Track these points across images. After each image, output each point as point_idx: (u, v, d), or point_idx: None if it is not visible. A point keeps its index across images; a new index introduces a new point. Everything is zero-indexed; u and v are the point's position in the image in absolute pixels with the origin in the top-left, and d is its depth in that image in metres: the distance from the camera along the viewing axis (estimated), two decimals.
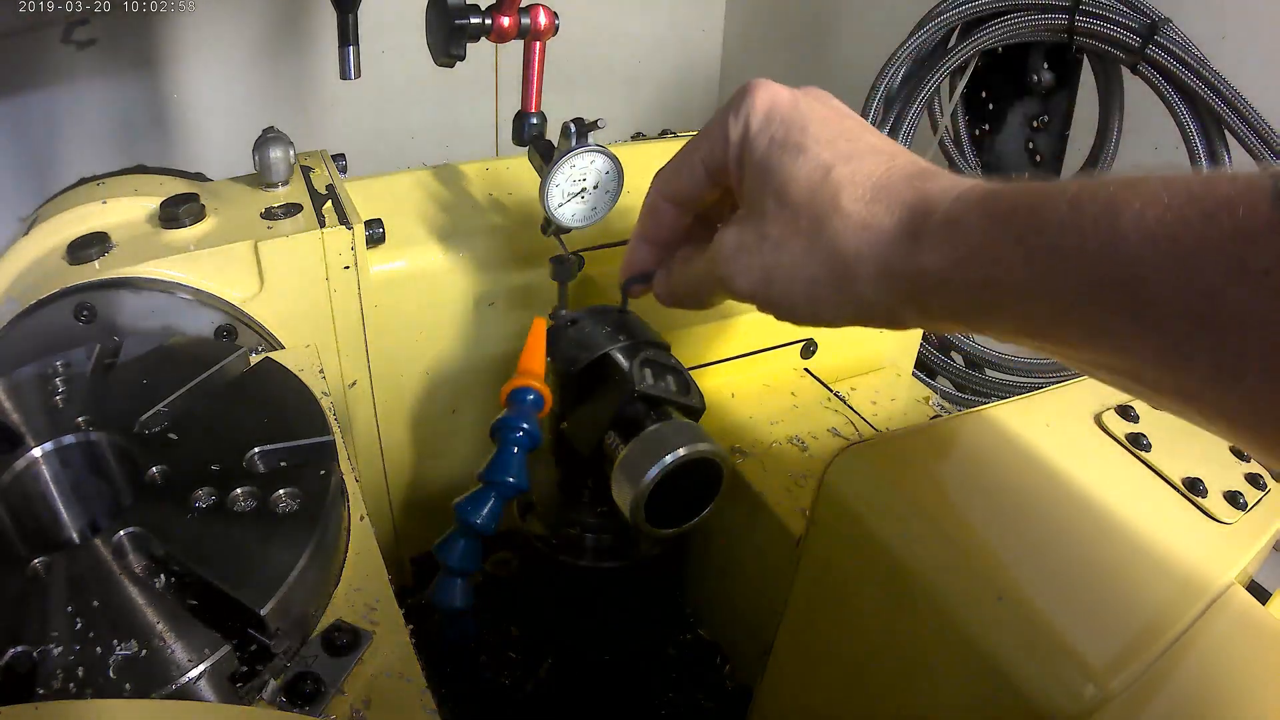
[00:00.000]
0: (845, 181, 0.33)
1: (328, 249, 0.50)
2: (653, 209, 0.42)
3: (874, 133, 0.36)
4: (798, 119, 0.35)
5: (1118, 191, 0.25)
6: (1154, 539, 0.36)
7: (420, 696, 0.32)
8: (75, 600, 0.30)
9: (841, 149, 0.34)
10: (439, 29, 0.51)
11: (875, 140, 0.35)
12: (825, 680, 0.42)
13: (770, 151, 0.35)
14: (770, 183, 0.35)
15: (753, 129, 0.36)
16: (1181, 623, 0.33)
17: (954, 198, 0.31)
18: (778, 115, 0.35)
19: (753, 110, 0.36)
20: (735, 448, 0.51)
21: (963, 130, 1.05)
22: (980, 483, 0.37)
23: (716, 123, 0.38)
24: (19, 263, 0.49)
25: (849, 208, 0.33)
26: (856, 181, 0.33)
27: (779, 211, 0.34)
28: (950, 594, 0.33)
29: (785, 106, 0.36)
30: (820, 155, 0.34)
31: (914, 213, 0.31)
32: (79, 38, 1.03)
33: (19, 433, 0.38)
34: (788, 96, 0.36)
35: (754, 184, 0.36)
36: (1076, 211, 0.26)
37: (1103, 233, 0.25)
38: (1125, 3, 0.82)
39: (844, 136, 0.35)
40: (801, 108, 0.36)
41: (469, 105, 1.28)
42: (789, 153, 0.34)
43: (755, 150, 0.36)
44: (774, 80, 0.37)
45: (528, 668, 0.56)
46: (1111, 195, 0.25)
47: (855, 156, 0.34)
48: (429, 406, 0.62)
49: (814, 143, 0.34)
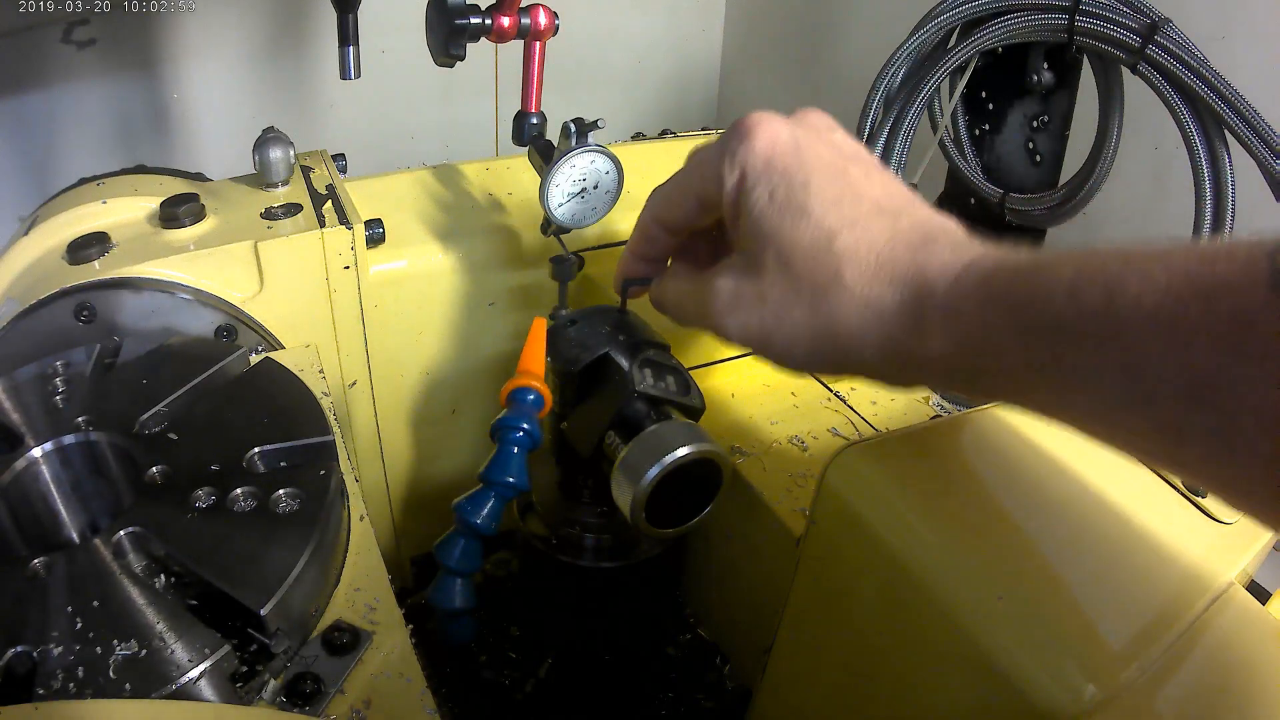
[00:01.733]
0: (849, 254, 0.33)
1: (328, 249, 0.50)
2: (644, 230, 0.42)
3: (878, 179, 0.35)
4: (800, 172, 0.34)
5: (1116, 272, 0.26)
6: (1154, 539, 0.36)
7: (420, 696, 0.32)
8: (75, 600, 0.30)
9: (846, 213, 0.33)
10: (439, 29, 0.51)
11: (879, 193, 0.34)
12: (825, 680, 0.42)
13: (770, 210, 0.34)
14: (770, 243, 0.34)
15: (750, 178, 0.35)
16: (1182, 622, 0.33)
17: (953, 279, 0.31)
18: (778, 165, 0.34)
19: (751, 154, 0.35)
20: (735, 448, 0.51)
21: (963, 130, 1.05)
22: (980, 483, 0.37)
23: (712, 159, 0.36)
24: (19, 263, 0.49)
25: (851, 284, 0.32)
26: (859, 254, 0.33)
27: (779, 275, 0.34)
28: (950, 594, 0.33)
29: (786, 153, 0.35)
30: (824, 220, 0.33)
31: (916, 292, 0.31)
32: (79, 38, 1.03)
33: (19, 433, 0.38)
34: (788, 140, 0.35)
35: (752, 238, 0.35)
36: (1074, 300, 0.26)
37: (1101, 319, 0.26)
38: (1125, 3, 0.82)
39: (849, 193, 0.34)
40: (804, 154, 0.35)
41: (469, 105, 1.28)
42: (791, 214, 0.34)
43: (754, 203, 0.35)
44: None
45: (528, 668, 0.56)
46: (1109, 278, 0.26)
47: (859, 221, 0.33)
48: (429, 406, 0.62)
49: (817, 203, 0.33)
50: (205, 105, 1.17)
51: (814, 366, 0.35)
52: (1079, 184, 0.93)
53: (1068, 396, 0.28)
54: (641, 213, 0.42)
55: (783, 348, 0.35)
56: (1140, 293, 0.25)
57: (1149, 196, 1.03)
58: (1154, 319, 0.24)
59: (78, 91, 1.06)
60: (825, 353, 0.34)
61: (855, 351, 0.33)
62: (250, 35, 1.17)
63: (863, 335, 0.32)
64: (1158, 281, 0.25)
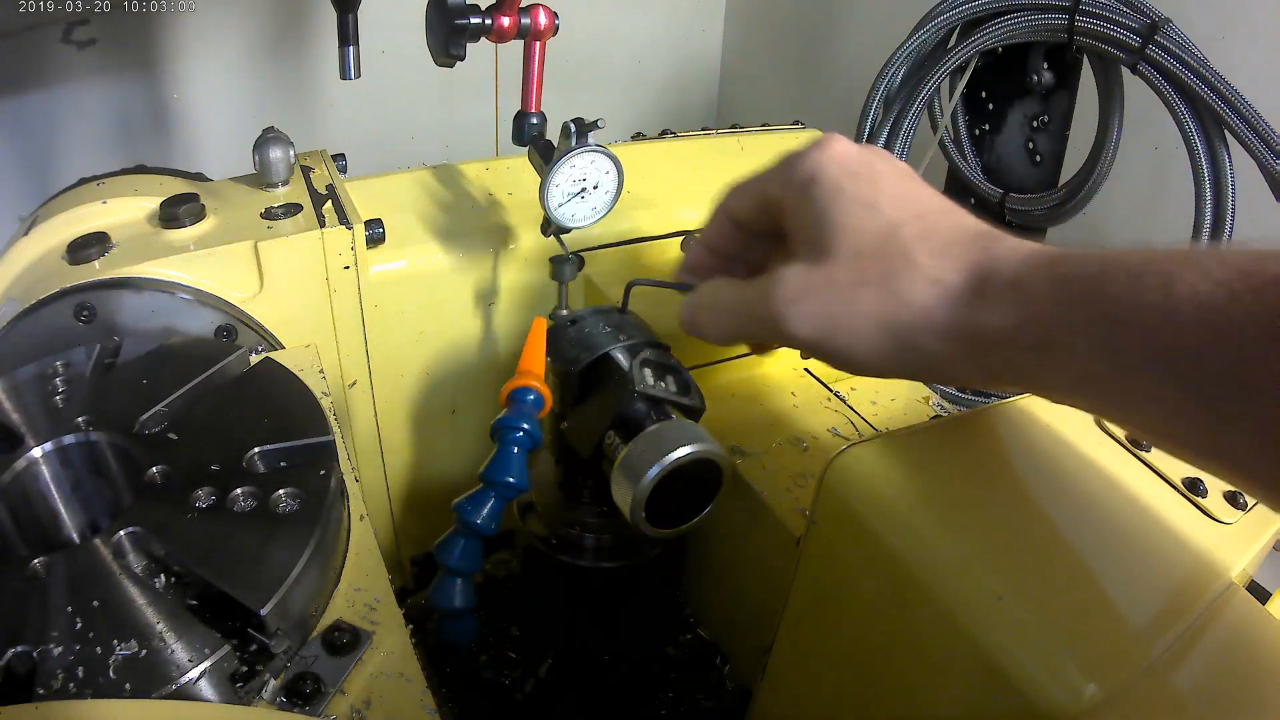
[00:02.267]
0: (917, 237, 0.34)
1: (328, 249, 0.50)
2: (717, 220, 0.44)
3: (937, 194, 0.37)
4: (868, 175, 0.36)
5: (1174, 265, 0.27)
6: (1154, 539, 0.36)
7: (420, 696, 0.32)
8: (75, 600, 0.30)
9: (912, 209, 0.35)
10: (439, 29, 0.51)
11: (941, 201, 0.37)
12: (825, 680, 0.42)
13: (839, 201, 0.36)
14: (839, 231, 0.36)
15: (819, 177, 0.37)
16: (1182, 622, 0.33)
17: (1020, 260, 0.32)
18: (849, 168, 0.37)
19: (822, 158, 0.37)
20: (735, 448, 0.51)
21: (963, 130, 1.05)
22: (980, 483, 0.37)
23: (785, 161, 0.39)
24: (19, 263, 0.49)
25: (921, 261, 0.34)
26: (927, 237, 0.34)
27: (849, 260, 0.35)
28: (950, 593, 0.33)
29: (855, 159, 0.37)
30: (892, 213, 0.35)
31: (982, 271, 0.33)
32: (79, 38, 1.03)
33: (19, 433, 0.38)
34: (856, 152, 0.38)
35: (820, 229, 0.36)
36: (1136, 282, 0.28)
37: (1159, 304, 0.27)
38: (1125, 3, 0.82)
39: (912, 196, 0.36)
40: (873, 164, 0.37)
41: (469, 105, 1.28)
42: (860, 206, 0.36)
43: (822, 196, 0.37)
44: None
45: (528, 668, 0.56)
46: (1169, 268, 0.27)
47: (926, 215, 0.35)
48: (429, 406, 0.62)
49: (886, 200, 0.36)
50: (205, 105, 1.18)
51: (878, 358, 0.35)
52: (1079, 184, 0.93)
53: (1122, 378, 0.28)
54: (717, 202, 0.44)
55: (848, 338, 0.35)
56: (1196, 283, 0.26)
57: (1149, 196, 1.03)
58: (1207, 308, 0.26)
59: (78, 91, 1.07)
60: (889, 336, 0.34)
61: (918, 335, 0.34)
62: (250, 35, 1.17)
63: (929, 313, 0.33)
64: (1213, 275, 0.26)
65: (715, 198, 0.43)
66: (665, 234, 0.64)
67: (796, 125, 0.79)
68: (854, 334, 0.35)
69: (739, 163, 0.72)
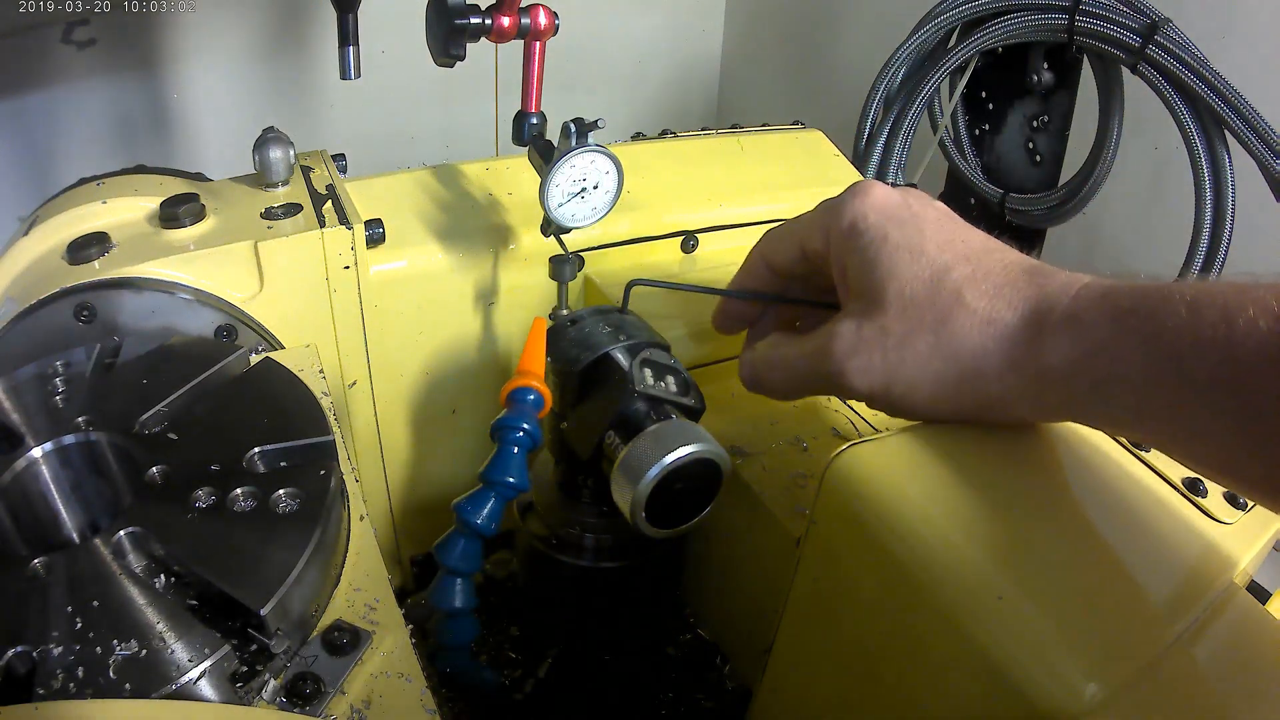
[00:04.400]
0: (966, 279, 0.34)
1: (328, 249, 0.50)
2: (751, 265, 0.44)
3: (979, 232, 0.37)
4: (911, 221, 0.36)
5: (1232, 298, 0.27)
6: (1154, 539, 0.36)
7: (420, 696, 0.32)
8: (75, 600, 0.30)
9: (959, 250, 0.35)
10: (438, 29, 0.51)
11: (985, 240, 0.36)
12: (825, 680, 0.42)
13: (885, 250, 0.36)
14: (889, 281, 0.35)
15: (861, 226, 0.37)
16: (1182, 622, 0.33)
17: (1073, 295, 0.32)
18: (891, 215, 0.36)
19: (862, 207, 0.37)
20: (735, 448, 0.51)
21: (963, 130, 1.05)
22: (980, 483, 0.37)
23: (823, 210, 0.39)
24: (19, 263, 0.49)
25: (973, 303, 0.33)
26: (977, 279, 0.34)
27: (900, 310, 0.35)
28: (950, 594, 0.33)
29: (896, 206, 0.37)
30: (939, 257, 0.35)
31: (1036, 308, 0.33)
32: (79, 38, 1.03)
33: (19, 433, 0.38)
34: (897, 198, 0.37)
35: (868, 280, 0.36)
36: (1195, 315, 0.28)
37: (1219, 338, 0.27)
38: (1125, 3, 0.82)
39: (958, 238, 0.36)
40: (913, 208, 0.37)
41: (469, 105, 1.28)
42: (906, 252, 0.35)
43: (867, 247, 0.36)
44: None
45: (528, 668, 0.56)
46: (1226, 302, 0.27)
47: (972, 257, 0.35)
48: (429, 406, 0.62)
49: (931, 245, 0.35)
50: (205, 105, 1.18)
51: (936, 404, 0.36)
52: (1079, 184, 0.93)
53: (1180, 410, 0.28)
54: (751, 249, 0.44)
55: (906, 385, 0.36)
56: (1255, 315, 0.26)
57: (1149, 196, 1.03)
58: (1268, 343, 0.26)
59: (78, 91, 1.07)
60: (949, 382, 0.34)
61: (979, 373, 0.34)
62: (250, 35, 1.17)
63: (985, 354, 0.33)
64: (1271, 308, 0.26)
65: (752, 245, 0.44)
66: (665, 234, 0.64)
67: (796, 125, 0.79)
68: (911, 383, 0.35)
69: (739, 162, 0.72)
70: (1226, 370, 0.27)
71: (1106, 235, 1.08)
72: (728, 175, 0.70)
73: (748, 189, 0.69)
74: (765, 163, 0.73)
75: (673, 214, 0.65)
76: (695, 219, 0.65)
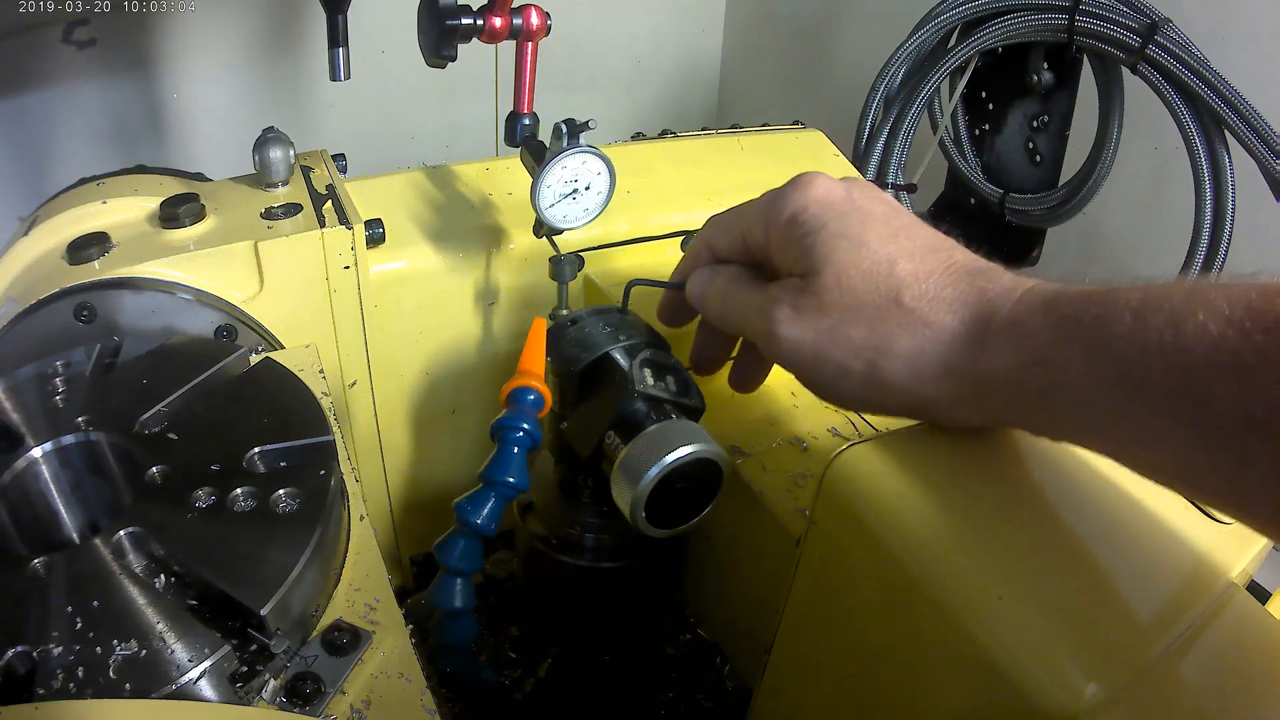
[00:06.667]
0: (908, 278, 0.33)
1: (328, 249, 0.50)
2: (695, 252, 0.44)
3: (924, 228, 0.36)
4: (855, 213, 0.35)
5: (1179, 301, 0.26)
6: (1154, 539, 0.36)
7: (420, 696, 0.32)
8: (75, 600, 0.30)
9: (903, 245, 0.34)
10: (430, 30, 0.51)
11: (928, 235, 0.36)
12: (825, 680, 0.42)
13: (825, 238, 0.35)
14: (828, 266, 0.35)
15: (803, 217, 0.36)
16: (1182, 622, 0.33)
17: (1016, 300, 0.31)
18: (835, 207, 0.36)
19: (804, 199, 0.36)
20: (735, 448, 0.51)
21: (963, 130, 1.05)
22: (980, 483, 0.37)
23: (765, 200, 0.38)
24: (19, 263, 0.49)
25: (911, 304, 0.33)
26: (919, 278, 0.33)
27: (839, 294, 0.34)
28: (950, 594, 0.33)
29: (841, 199, 0.36)
30: (882, 250, 0.34)
31: (978, 314, 0.32)
32: (79, 38, 1.03)
33: (19, 433, 0.38)
34: (841, 190, 0.37)
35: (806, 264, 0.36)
36: (1140, 322, 0.27)
37: (1167, 344, 0.26)
38: (1125, 3, 0.82)
39: (902, 232, 0.35)
40: (857, 201, 0.36)
41: (469, 105, 1.28)
42: (848, 242, 0.35)
43: (808, 234, 0.36)
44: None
45: (528, 668, 0.56)
46: (1175, 307, 0.26)
47: (915, 254, 0.34)
48: (429, 406, 0.62)
49: (874, 237, 0.35)
50: (205, 105, 1.17)
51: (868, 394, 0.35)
52: (1079, 184, 0.93)
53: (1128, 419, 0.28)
54: (697, 233, 0.44)
55: (836, 370, 0.35)
56: (1205, 321, 0.25)
57: (1149, 196, 1.03)
58: (1218, 347, 0.25)
59: (78, 91, 1.07)
60: (878, 377, 0.34)
61: (914, 374, 0.33)
62: (250, 35, 1.17)
63: (920, 356, 0.33)
64: (1222, 313, 0.25)
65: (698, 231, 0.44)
66: (665, 234, 0.64)
67: (796, 125, 0.79)
68: (841, 369, 0.35)
69: (739, 162, 0.72)
70: (1177, 377, 0.26)
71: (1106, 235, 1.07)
72: (728, 175, 0.70)
73: (748, 189, 0.68)
74: (765, 163, 0.73)
75: (673, 214, 0.65)
76: (695, 219, 0.65)
